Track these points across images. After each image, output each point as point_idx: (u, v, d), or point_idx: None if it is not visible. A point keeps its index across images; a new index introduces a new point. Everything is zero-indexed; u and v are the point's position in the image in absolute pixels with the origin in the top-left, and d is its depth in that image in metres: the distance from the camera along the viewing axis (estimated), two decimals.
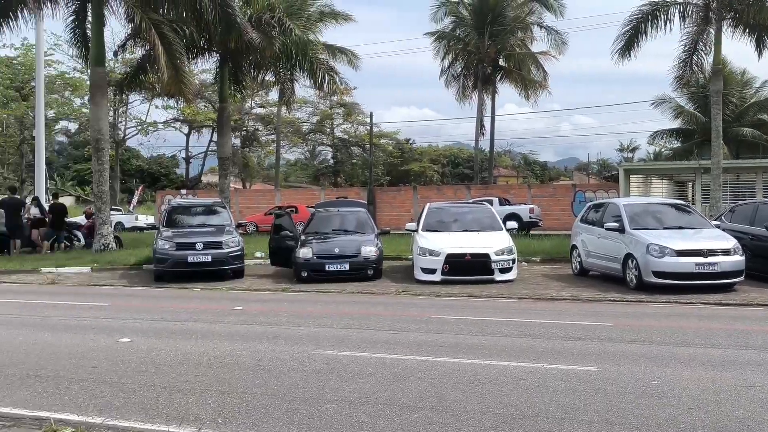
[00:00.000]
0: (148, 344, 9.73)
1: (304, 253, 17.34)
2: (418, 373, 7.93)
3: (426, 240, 17.31)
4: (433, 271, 16.65)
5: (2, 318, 12.46)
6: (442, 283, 16.33)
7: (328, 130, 72.05)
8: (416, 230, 18.32)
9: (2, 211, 24.29)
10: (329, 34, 40.54)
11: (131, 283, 18.07)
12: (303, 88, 37.74)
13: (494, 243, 17.02)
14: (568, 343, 9.65)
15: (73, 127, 65.81)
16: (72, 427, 6.03)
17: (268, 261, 19.99)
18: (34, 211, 24.82)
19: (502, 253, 16.74)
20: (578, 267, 18.00)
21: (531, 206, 35.24)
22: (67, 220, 26.09)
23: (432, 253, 16.74)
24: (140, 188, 60.70)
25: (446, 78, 49.91)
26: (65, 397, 7.07)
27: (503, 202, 35.75)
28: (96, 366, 8.41)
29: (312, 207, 31.41)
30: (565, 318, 11.89)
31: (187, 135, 66.78)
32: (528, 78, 48.18)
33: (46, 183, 32.97)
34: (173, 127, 64.06)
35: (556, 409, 6.54)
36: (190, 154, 69.25)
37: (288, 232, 18.70)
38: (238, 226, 25.03)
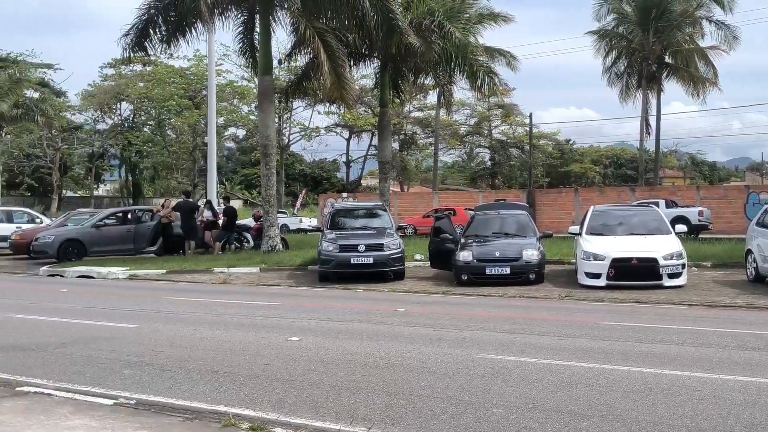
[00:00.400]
0: (316, 343, 10.01)
1: (465, 256, 17.32)
2: (585, 381, 7.74)
3: (590, 244, 16.90)
4: (597, 276, 16.22)
5: (180, 315, 13.18)
6: (607, 288, 15.88)
7: (486, 132, 71.71)
8: (579, 233, 17.91)
9: (178, 213, 25.77)
10: (487, 35, 40.39)
11: (297, 283, 18.67)
12: (461, 91, 37.87)
13: (662, 247, 16.38)
14: (745, 353, 9.15)
15: (241, 133, 68.84)
16: (248, 422, 6.28)
17: (428, 263, 20.14)
18: (207, 214, 26.12)
19: (671, 258, 16.09)
20: (753, 273, 16.98)
21: (700, 208, 33.66)
22: (237, 222, 27.28)
23: (596, 257, 16.32)
24: (303, 192, 62.64)
25: (609, 77, 48.59)
26: (241, 393, 7.38)
27: (670, 204, 34.32)
28: (268, 363, 8.73)
29: (470, 210, 31.35)
30: (741, 327, 11.27)
31: (348, 139, 68.35)
32: (696, 75, 46.08)
33: (216, 187, 34.61)
34: (334, 132, 65.78)
35: (735, 423, 6.21)
36: (350, 158, 70.86)
37: (448, 234, 18.75)
38: (398, 228, 25.34)
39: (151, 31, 25.24)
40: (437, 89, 40.58)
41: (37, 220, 32.00)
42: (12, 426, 6.06)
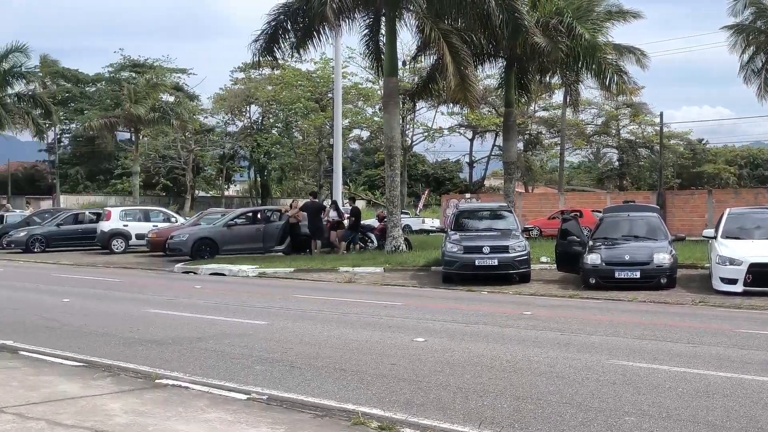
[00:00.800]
0: (441, 345, 10.02)
1: (593, 259, 16.92)
2: (723, 390, 7.43)
3: (726, 248, 16.18)
4: (733, 282, 15.51)
5: (308, 313, 13.45)
6: (744, 294, 15.15)
7: (614, 131, 69.91)
8: (714, 237, 17.18)
9: (305, 213, 26.33)
10: (615, 32, 39.13)
11: (421, 284, 18.72)
12: (588, 89, 37.05)
13: None
14: None
15: (365, 134, 69.70)
16: (377, 421, 6.34)
17: (554, 266, 19.80)
18: (333, 214, 26.56)
19: None
20: None
21: None
22: (362, 222, 27.63)
23: (733, 262, 15.61)
24: (426, 192, 62.78)
25: (745, 73, 46.34)
26: (368, 392, 7.46)
27: None
28: (395, 363, 8.79)
29: (597, 211, 30.65)
30: None
31: (471, 140, 68.08)
32: None
33: (341, 188, 35.15)
34: (458, 132, 65.65)
35: None
36: (473, 158, 70.53)
37: (575, 237, 18.38)
38: (523, 230, 25.03)
39: (280, 37, 25.94)
40: (563, 88, 39.88)
41: (172, 219, 33.41)
42: (153, 416, 6.34)
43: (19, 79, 46.29)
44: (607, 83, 27.93)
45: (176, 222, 32.56)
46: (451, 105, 48.71)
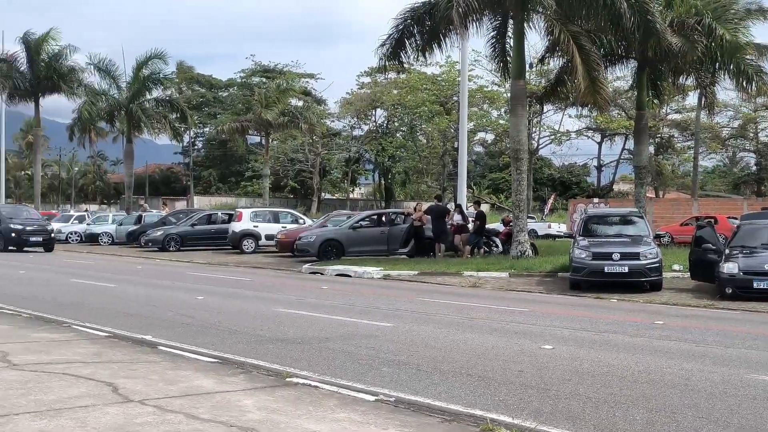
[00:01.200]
0: (570, 352, 9.82)
1: (729, 268, 16.20)
2: None
3: None
4: None
5: (433, 317, 13.46)
6: None
7: (752, 134, 66.82)
8: None
9: (429, 216, 26.38)
10: (753, 31, 37.30)
11: (547, 290, 18.43)
12: (724, 91, 35.59)
13: None
14: None
15: (489, 137, 69.27)
16: (505, 427, 6.26)
17: (688, 274, 19.08)
18: (457, 218, 26.48)
19: None
20: None
21: None
22: (486, 226, 27.42)
23: None
24: (552, 196, 61.79)
25: None
26: (495, 398, 7.39)
27: None
28: (522, 370, 8.68)
29: (733, 218, 29.37)
30: None
31: (600, 143, 66.60)
32: None
33: (465, 191, 35.04)
34: (585, 135, 64.38)
35: None
36: (601, 162, 68.93)
37: (710, 244, 17.64)
38: (654, 237, 24.26)
39: (406, 41, 26.08)
40: (697, 90, 38.40)
41: (300, 221, 34.17)
42: (285, 414, 6.49)
43: (157, 84, 48.50)
44: (745, 84, 26.72)
45: (304, 224, 33.27)
46: (580, 108, 47.83)
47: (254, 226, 32.92)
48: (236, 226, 32.96)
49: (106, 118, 50.67)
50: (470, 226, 26.29)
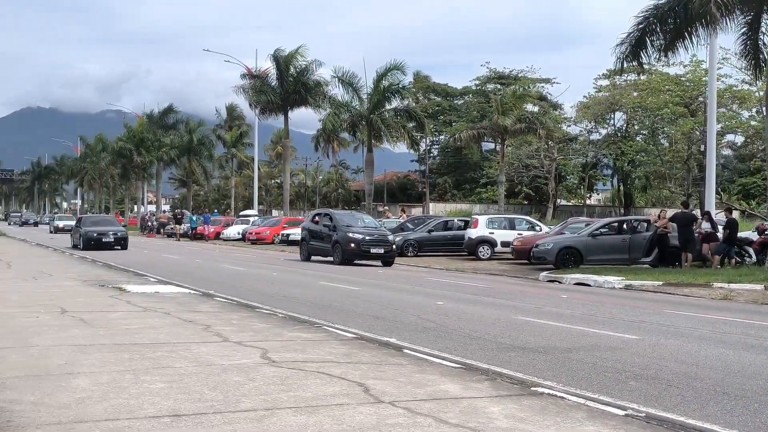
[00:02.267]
0: None
1: None
2: None
3: None
4: None
5: (680, 330, 12.82)
6: None
7: None
8: None
9: (674, 224, 25.17)
10: None
11: None
12: None
13: None
14: None
15: (739, 140, 64.89)
16: None
17: None
18: (706, 226, 25.02)
19: None
20: None
21: None
22: (738, 235, 25.69)
23: None
24: None
25: None
26: (756, 419, 6.92)
27: None
28: None
29: None
30: None
31: None
32: None
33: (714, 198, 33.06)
34: None
35: None
36: None
37: None
38: None
39: (647, 39, 25.06)
40: None
41: (536, 228, 33.86)
42: (532, 423, 6.46)
43: (396, 95, 50.00)
44: None
45: (540, 231, 32.95)
46: None
47: (490, 233, 33.04)
48: (472, 233, 33.26)
49: (348, 129, 53.07)
50: (719, 234, 24.77)
